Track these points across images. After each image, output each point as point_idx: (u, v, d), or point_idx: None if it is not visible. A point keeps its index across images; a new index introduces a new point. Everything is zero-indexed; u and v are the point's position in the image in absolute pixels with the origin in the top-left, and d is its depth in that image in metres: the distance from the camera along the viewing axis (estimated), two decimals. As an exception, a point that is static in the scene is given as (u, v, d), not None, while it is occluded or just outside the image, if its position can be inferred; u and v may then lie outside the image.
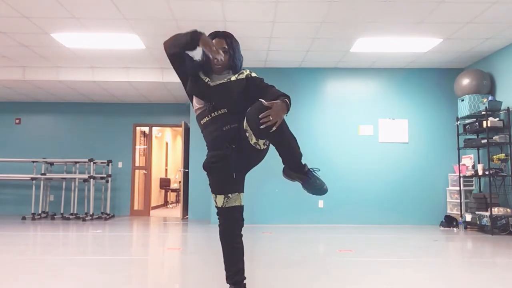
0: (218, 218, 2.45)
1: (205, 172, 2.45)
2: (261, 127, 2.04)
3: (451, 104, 7.25)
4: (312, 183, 2.32)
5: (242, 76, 2.38)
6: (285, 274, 3.39)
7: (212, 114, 2.35)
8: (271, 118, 2.02)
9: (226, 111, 2.33)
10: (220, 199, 2.38)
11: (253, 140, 2.23)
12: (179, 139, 14.05)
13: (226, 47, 2.40)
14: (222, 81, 2.36)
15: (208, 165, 2.39)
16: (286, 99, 2.14)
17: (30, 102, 9.38)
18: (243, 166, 2.44)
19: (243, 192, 2.45)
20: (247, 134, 2.23)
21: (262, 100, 2.07)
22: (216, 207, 2.43)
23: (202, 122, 2.41)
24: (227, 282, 2.44)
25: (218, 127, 2.33)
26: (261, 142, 2.26)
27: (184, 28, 5.57)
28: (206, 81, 2.37)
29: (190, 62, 2.42)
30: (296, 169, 2.32)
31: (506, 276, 3.37)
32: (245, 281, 2.45)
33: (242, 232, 2.45)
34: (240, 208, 2.42)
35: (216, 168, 2.38)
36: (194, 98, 2.43)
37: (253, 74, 2.41)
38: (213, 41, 2.40)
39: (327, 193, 2.50)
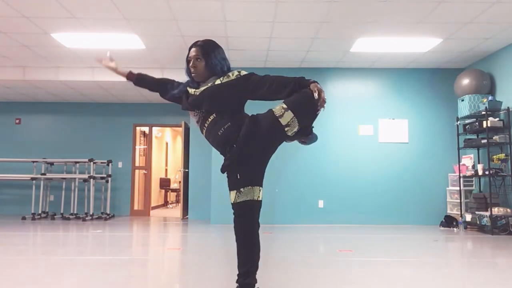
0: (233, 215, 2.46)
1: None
2: (319, 110, 2.29)
3: (451, 104, 7.24)
4: (312, 138, 2.59)
5: (231, 77, 2.39)
6: (285, 274, 3.39)
7: (206, 124, 2.40)
8: (325, 98, 2.27)
9: (215, 115, 2.37)
10: (233, 194, 2.40)
11: (294, 130, 2.32)
12: (179, 139, 14.05)
13: (199, 54, 2.42)
14: (206, 86, 2.40)
15: (224, 168, 2.42)
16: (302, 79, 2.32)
17: (30, 102, 9.38)
18: (258, 159, 2.41)
19: (259, 185, 2.41)
20: (286, 129, 2.29)
21: (306, 91, 2.28)
22: (231, 204, 2.43)
23: (203, 134, 2.47)
24: (236, 282, 2.43)
25: (215, 134, 2.38)
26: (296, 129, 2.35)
27: (184, 28, 5.57)
28: (193, 92, 2.44)
29: (175, 87, 2.56)
30: (309, 133, 2.56)
31: (506, 276, 3.37)
32: (257, 285, 2.40)
33: (258, 232, 2.41)
34: (253, 202, 2.37)
35: (230, 168, 2.41)
36: (190, 112, 2.52)
37: (243, 72, 2.42)
38: (191, 50, 2.48)
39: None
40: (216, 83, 2.38)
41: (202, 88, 2.41)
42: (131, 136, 9.38)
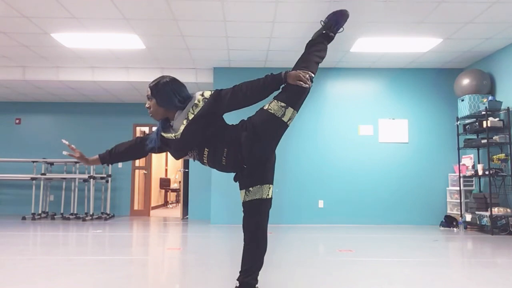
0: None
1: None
2: (310, 88, 2.39)
3: (451, 104, 7.25)
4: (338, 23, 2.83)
5: (199, 105, 2.31)
6: (284, 274, 3.39)
7: (204, 159, 2.38)
8: (306, 75, 2.38)
9: (208, 149, 2.33)
10: (242, 193, 2.42)
11: (294, 118, 2.37)
12: (179, 139, 14.04)
13: (149, 94, 2.42)
14: (182, 125, 2.33)
15: (236, 178, 2.44)
16: (270, 75, 2.34)
17: (30, 102, 9.38)
18: (266, 159, 2.41)
19: (268, 183, 2.41)
20: (288, 122, 2.34)
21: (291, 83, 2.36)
22: (241, 203, 2.44)
23: (207, 166, 2.46)
24: (237, 279, 2.43)
25: (219, 164, 2.37)
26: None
27: (184, 28, 5.57)
28: (173, 137, 2.38)
29: (150, 140, 2.53)
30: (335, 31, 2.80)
31: (506, 276, 3.37)
32: (257, 285, 2.40)
33: (265, 231, 2.43)
34: (261, 201, 2.38)
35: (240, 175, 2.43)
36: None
37: (207, 93, 2.34)
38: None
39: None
40: (190, 118, 2.30)
41: (181, 130, 2.32)
42: (131, 136, 9.36)
